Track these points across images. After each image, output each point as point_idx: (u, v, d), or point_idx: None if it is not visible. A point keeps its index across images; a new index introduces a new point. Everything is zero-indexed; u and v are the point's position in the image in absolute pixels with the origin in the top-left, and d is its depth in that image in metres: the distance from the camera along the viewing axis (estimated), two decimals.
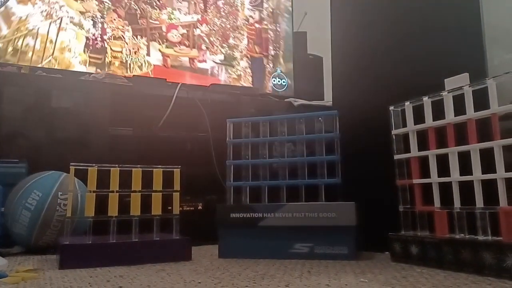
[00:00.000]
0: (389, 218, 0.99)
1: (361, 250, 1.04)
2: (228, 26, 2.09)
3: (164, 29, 1.90)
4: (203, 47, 1.99)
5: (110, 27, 1.75)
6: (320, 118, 1.12)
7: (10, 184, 1.18)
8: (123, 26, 1.79)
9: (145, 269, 0.88)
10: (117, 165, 0.99)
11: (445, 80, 0.90)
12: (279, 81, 2.07)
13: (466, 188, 0.83)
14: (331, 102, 1.36)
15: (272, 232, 1.03)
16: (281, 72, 2.10)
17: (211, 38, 2.02)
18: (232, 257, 1.04)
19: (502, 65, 0.96)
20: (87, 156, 1.34)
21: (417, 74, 1.08)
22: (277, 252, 1.02)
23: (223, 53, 2.04)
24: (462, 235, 0.83)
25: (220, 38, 2.04)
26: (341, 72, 1.31)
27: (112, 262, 0.93)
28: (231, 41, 2.08)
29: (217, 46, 2.02)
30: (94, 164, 0.97)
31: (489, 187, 0.79)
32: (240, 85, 2.00)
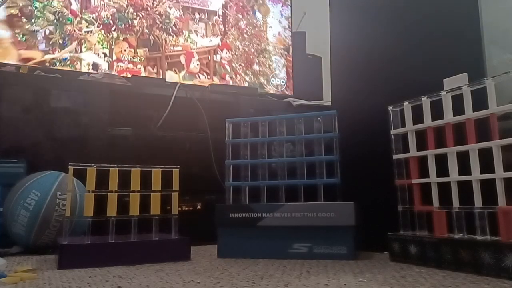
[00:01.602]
0: (388, 218, 0.99)
1: (360, 250, 1.04)
2: (252, 50, 1.92)
3: (183, 61, 1.75)
4: (227, 77, 1.86)
5: (119, 66, 1.61)
6: (319, 118, 1.12)
7: (8, 184, 1.18)
8: (133, 59, 1.62)
9: (144, 269, 0.88)
10: (116, 165, 0.99)
11: (444, 80, 0.91)
12: (278, 81, 2.07)
13: (465, 188, 0.83)
14: (330, 102, 1.36)
15: (271, 232, 1.03)
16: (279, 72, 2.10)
17: (233, 65, 1.87)
18: (231, 257, 1.04)
19: (501, 65, 0.96)
20: (86, 156, 1.34)
21: (416, 74, 1.08)
22: (276, 252, 1.02)
23: (247, 81, 1.94)
24: (461, 235, 0.84)
25: (243, 64, 1.88)
26: (340, 72, 1.32)
27: (111, 262, 0.93)
28: (255, 67, 1.90)
29: (239, 75, 1.88)
30: (93, 164, 0.97)
31: (488, 187, 0.80)
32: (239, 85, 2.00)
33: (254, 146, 1.16)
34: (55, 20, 1.53)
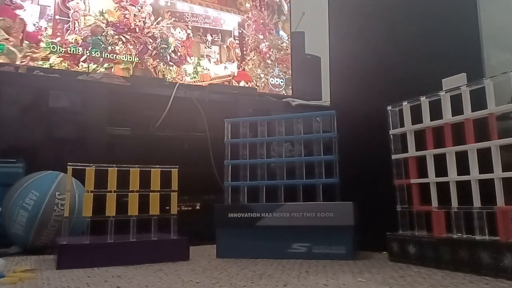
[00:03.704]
0: (387, 218, 0.99)
1: (359, 249, 1.04)
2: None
3: None
4: None
5: None
6: (318, 118, 1.12)
7: (7, 184, 1.18)
8: None
9: (143, 269, 0.88)
10: (115, 165, 0.98)
11: (443, 80, 0.91)
12: (277, 81, 2.07)
13: (464, 188, 0.83)
14: (329, 102, 1.36)
15: (270, 232, 1.03)
16: (279, 71, 2.10)
17: None
18: (230, 257, 1.04)
19: (499, 65, 0.96)
20: (85, 156, 1.34)
21: (414, 74, 1.08)
22: (275, 252, 1.02)
23: None
24: (460, 234, 0.84)
25: None
26: (339, 72, 1.32)
27: (110, 262, 0.93)
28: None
29: None
30: (91, 164, 0.97)
31: (487, 187, 0.80)
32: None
33: (253, 146, 1.16)
34: None
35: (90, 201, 0.95)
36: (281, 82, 2.07)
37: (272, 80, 2.06)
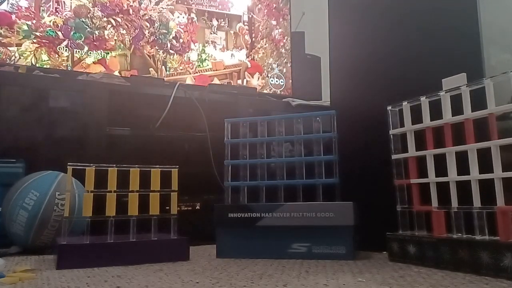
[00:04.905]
0: (387, 218, 0.99)
1: (359, 249, 1.04)
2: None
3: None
4: None
5: None
6: (318, 118, 1.12)
7: (7, 184, 1.18)
8: None
9: (143, 269, 0.88)
10: (114, 165, 0.98)
11: (443, 80, 0.91)
12: (277, 81, 2.07)
13: (464, 188, 0.83)
14: (329, 102, 1.36)
15: (270, 232, 1.03)
16: (279, 71, 2.10)
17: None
18: (230, 257, 1.04)
19: (499, 65, 0.96)
20: (85, 156, 1.34)
21: (414, 74, 1.08)
22: (275, 252, 1.02)
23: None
24: (460, 234, 0.84)
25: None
26: (339, 72, 1.32)
27: (110, 262, 0.93)
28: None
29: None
30: (91, 164, 0.97)
31: (487, 187, 0.80)
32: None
33: (253, 146, 1.16)
34: None
35: (90, 201, 0.95)
36: (281, 82, 2.07)
37: (272, 80, 2.06)
